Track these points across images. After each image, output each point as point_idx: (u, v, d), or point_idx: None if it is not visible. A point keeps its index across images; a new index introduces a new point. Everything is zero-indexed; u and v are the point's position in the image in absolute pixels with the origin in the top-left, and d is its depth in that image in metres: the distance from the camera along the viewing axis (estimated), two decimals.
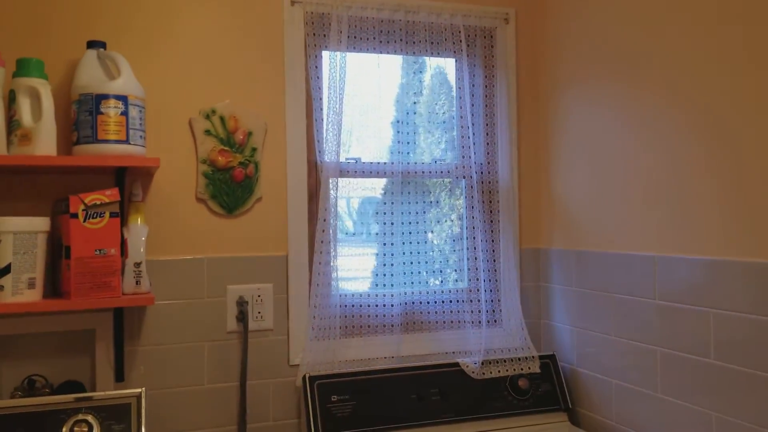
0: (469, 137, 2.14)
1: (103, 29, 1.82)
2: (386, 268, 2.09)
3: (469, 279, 2.19)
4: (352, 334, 2.05)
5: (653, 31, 1.76)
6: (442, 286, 2.18)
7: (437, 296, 2.14)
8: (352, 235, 2.15)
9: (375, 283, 2.11)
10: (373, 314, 2.06)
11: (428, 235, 2.15)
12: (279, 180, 1.97)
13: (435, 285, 2.17)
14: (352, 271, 2.11)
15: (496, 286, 2.19)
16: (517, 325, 2.14)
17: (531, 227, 2.26)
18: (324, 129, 1.99)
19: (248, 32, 1.96)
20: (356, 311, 2.06)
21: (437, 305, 2.14)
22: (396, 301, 2.06)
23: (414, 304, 2.12)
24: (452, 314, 2.14)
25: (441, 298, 2.14)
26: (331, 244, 1.97)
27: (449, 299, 2.14)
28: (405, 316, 2.10)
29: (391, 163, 2.09)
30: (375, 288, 2.11)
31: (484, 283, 2.14)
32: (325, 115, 1.99)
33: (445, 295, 2.14)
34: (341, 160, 2.01)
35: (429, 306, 2.13)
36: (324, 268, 1.96)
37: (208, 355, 1.89)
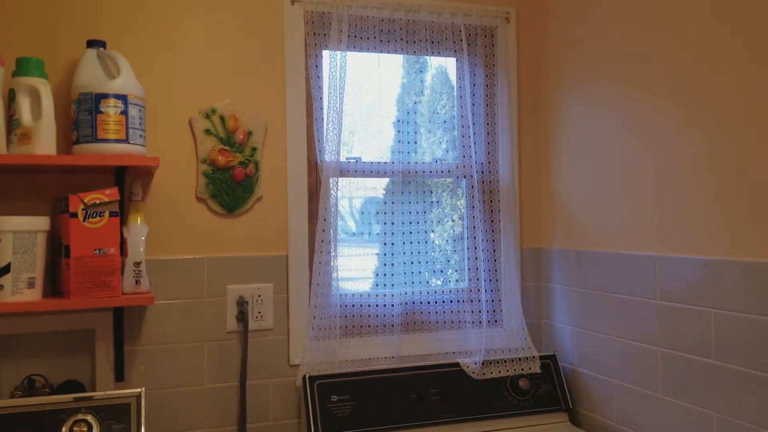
0: (470, 137, 2.14)
1: (103, 29, 1.82)
2: (387, 268, 2.09)
3: (470, 279, 2.18)
4: (352, 334, 2.04)
5: (654, 31, 1.75)
6: (443, 286, 2.17)
7: (438, 296, 2.13)
8: (354, 235, 2.15)
9: (376, 283, 2.11)
10: (374, 314, 2.06)
11: (429, 235, 2.15)
12: (279, 179, 1.97)
13: (436, 285, 2.17)
14: (353, 271, 2.11)
15: (496, 286, 2.19)
16: (518, 325, 2.13)
17: (532, 227, 2.25)
18: (324, 128, 1.98)
19: (248, 31, 1.95)
20: (356, 311, 2.06)
21: (438, 305, 2.13)
22: (396, 301, 2.06)
23: (414, 304, 2.12)
24: (453, 314, 2.13)
25: (441, 298, 2.14)
26: (332, 243, 1.96)
27: (450, 299, 2.14)
28: (405, 316, 2.10)
29: (392, 163, 2.09)
30: (376, 288, 2.10)
31: (485, 283, 2.14)
32: (325, 115, 1.98)
33: (446, 295, 2.14)
34: (341, 160, 2.01)
35: (429, 306, 2.13)
36: (324, 267, 1.95)
37: (208, 355, 1.89)
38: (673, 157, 1.69)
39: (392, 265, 2.08)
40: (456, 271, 2.20)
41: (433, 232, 2.16)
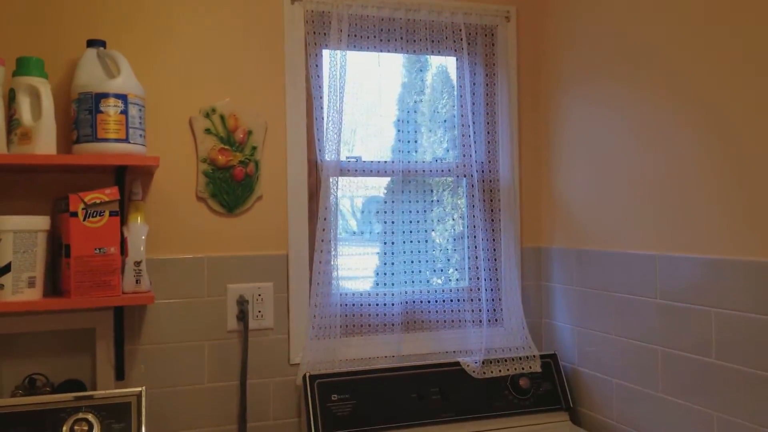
0: (470, 136, 2.14)
1: (103, 28, 1.82)
2: (387, 267, 2.08)
3: (470, 278, 2.18)
4: (352, 333, 2.05)
5: (655, 31, 1.75)
6: (444, 285, 2.17)
7: (438, 295, 2.13)
8: (355, 234, 2.15)
9: (377, 282, 2.11)
10: (374, 313, 2.06)
11: (430, 234, 2.15)
12: (279, 179, 1.97)
13: (436, 284, 2.17)
14: (354, 270, 2.11)
15: (497, 285, 2.18)
16: (518, 325, 2.13)
17: (532, 226, 2.25)
18: (324, 127, 1.98)
19: (248, 31, 1.95)
20: (357, 310, 2.06)
21: (438, 304, 2.13)
22: (396, 300, 2.06)
23: (415, 303, 2.12)
24: (453, 313, 2.13)
25: (442, 297, 2.13)
26: (332, 243, 1.96)
27: (450, 298, 2.14)
28: (405, 315, 2.10)
29: (392, 162, 2.09)
30: (377, 287, 2.10)
31: (485, 282, 2.13)
32: (325, 114, 1.98)
33: (446, 294, 2.14)
34: (341, 159, 2.01)
35: (430, 305, 2.13)
36: (324, 267, 1.95)
37: (208, 354, 1.89)
38: (674, 156, 1.69)
39: (392, 264, 2.08)
40: (456, 270, 2.19)
41: (434, 231, 2.16)
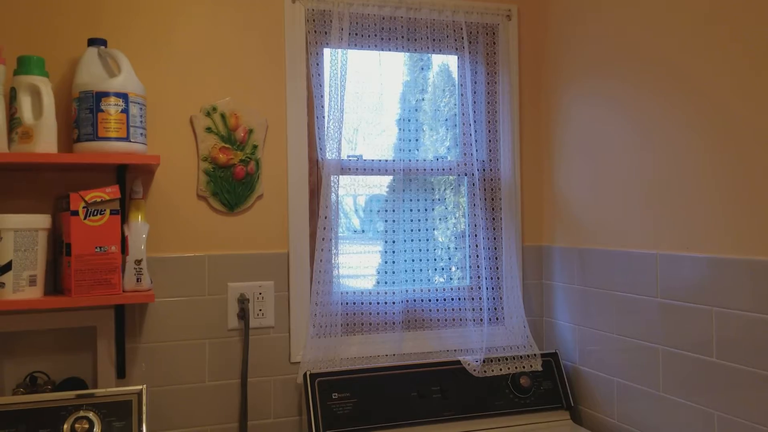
0: (471, 134, 2.13)
1: (104, 27, 1.82)
2: (388, 265, 2.08)
3: (471, 276, 2.18)
4: (353, 332, 2.05)
5: (656, 30, 1.74)
6: (446, 284, 2.17)
7: (439, 294, 2.13)
8: (358, 233, 2.15)
9: (378, 281, 2.11)
10: (375, 312, 2.06)
11: (433, 232, 2.15)
12: (280, 177, 1.97)
13: (437, 283, 2.17)
14: (354, 269, 2.11)
15: (498, 284, 2.18)
16: (519, 323, 2.13)
17: (533, 225, 2.25)
18: (325, 126, 1.98)
19: (249, 29, 1.95)
20: (357, 309, 2.06)
21: (439, 303, 2.13)
22: (397, 299, 2.06)
23: (416, 301, 2.12)
24: (454, 312, 2.13)
25: (443, 295, 2.13)
26: (333, 241, 1.96)
27: (451, 297, 2.14)
28: (406, 313, 2.10)
29: (393, 161, 2.09)
30: (379, 286, 2.10)
31: (486, 281, 2.13)
32: (326, 112, 1.98)
33: (447, 293, 2.14)
34: (342, 158, 2.01)
35: (431, 304, 2.13)
36: (325, 265, 1.96)
37: (209, 353, 1.90)
38: (675, 155, 1.69)
39: (393, 262, 2.08)
40: (459, 268, 2.19)
41: (436, 229, 2.16)
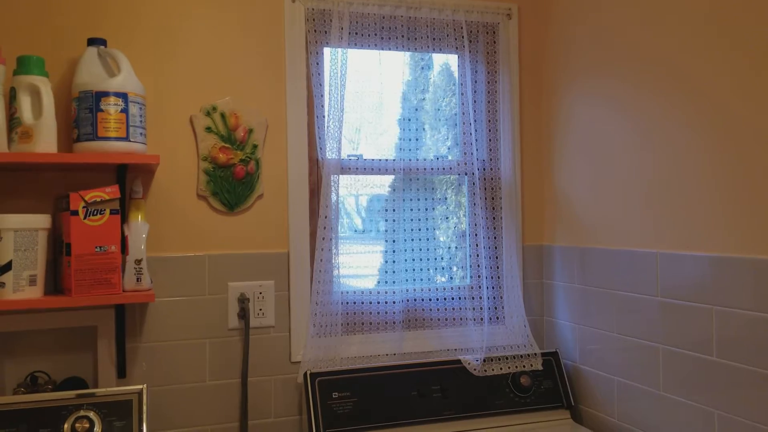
0: (471, 134, 2.13)
1: (103, 27, 1.82)
2: (389, 265, 2.08)
3: (472, 276, 2.18)
4: (353, 331, 2.05)
5: (656, 30, 1.74)
6: (446, 283, 2.17)
7: (439, 293, 2.13)
8: (361, 233, 2.15)
9: (380, 281, 2.11)
10: (375, 311, 2.06)
11: (434, 232, 2.14)
12: (280, 177, 1.97)
13: (437, 282, 2.17)
14: (356, 269, 2.11)
15: (498, 283, 2.18)
16: (520, 323, 2.13)
17: (534, 224, 2.25)
18: (326, 125, 1.98)
19: (249, 29, 1.95)
20: (358, 308, 2.06)
21: (439, 302, 2.13)
22: (398, 299, 2.06)
23: (416, 301, 2.12)
24: (454, 311, 2.13)
25: (443, 295, 2.13)
26: (333, 241, 1.96)
27: (451, 296, 2.14)
28: (407, 313, 2.10)
29: (393, 160, 2.09)
30: (380, 285, 2.10)
31: (486, 280, 2.13)
32: (326, 112, 1.98)
33: (447, 293, 2.14)
34: (342, 157, 2.00)
35: (431, 303, 2.12)
36: (325, 265, 1.96)
37: (209, 352, 1.90)
38: (675, 154, 1.69)
39: (394, 262, 2.08)
40: (460, 268, 2.19)
41: (437, 229, 2.16)
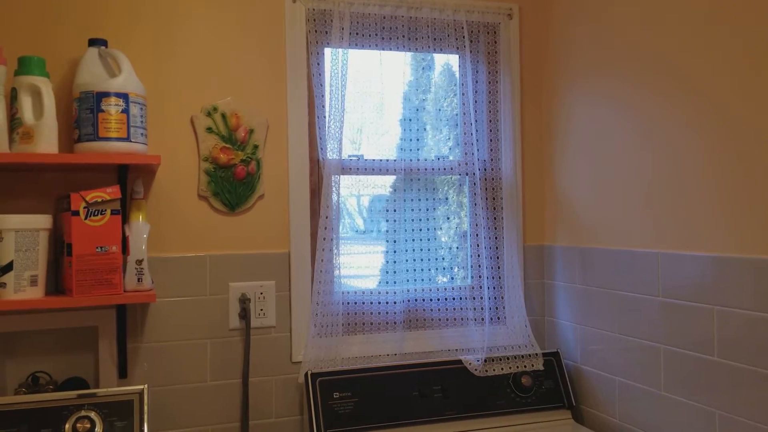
0: (472, 134, 2.13)
1: (104, 27, 1.82)
2: (389, 265, 2.08)
3: (473, 276, 2.18)
4: (354, 332, 2.05)
5: (657, 30, 1.74)
6: (447, 283, 2.17)
7: (440, 293, 2.13)
8: (363, 233, 2.15)
9: (381, 281, 2.11)
10: (376, 311, 2.06)
11: (436, 232, 2.14)
12: (281, 177, 1.97)
13: (438, 282, 2.16)
14: (358, 269, 2.11)
15: (499, 283, 2.18)
16: (521, 323, 2.13)
17: (535, 224, 2.25)
18: (326, 126, 1.98)
19: (250, 29, 1.95)
20: (359, 308, 2.06)
21: (440, 302, 2.13)
22: (399, 299, 2.06)
23: (417, 301, 2.12)
24: (455, 311, 2.13)
25: (444, 295, 2.13)
26: (334, 241, 1.96)
27: (452, 296, 2.14)
28: (408, 313, 2.10)
29: (394, 160, 2.09)
30: (381, 285, 2.10)
31: (488, 280, 2.13)
32: (327, 112, 1.98)
33: (448, 293, 2.14)
34: (343, 157, 2.00)
35: (432, 303, 2.12)
36: (326, 265, 1.96)
37: (210, 352, 1.90)
38: (676, 154, 1.68)
39: (395, 262, 2.08)
40: (462, 268, 2.19)
41: (438, 229, 2.16)
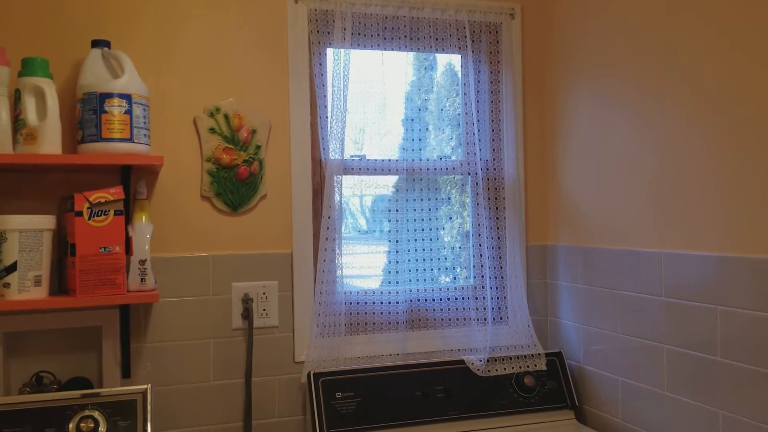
0: (474, 134, 2.13)
1: (107, 29, 1.83)
2: (392, 265, 2.08)
3: (475, 276, 2.18)
4: (357, 331, 2.05)
5: (663, 28, 1.74)
6: (449, 283, 2.17)
7: (443, 293, 2.13)
8: (365, 233, 2.15)
9: (384, 281, 2.11)
10: (378, 312, 2.06)
11: (439, 232, 2.15)
12: (283, 177, 1.98)
13: (441, 282, 2.17)
14: (358, 269, 2.11)
15: (502, 283, 2.18)
16: (524, 323, 2.13)
17: (537, 224, 2.24)
18: (329, 126, 1.99)
19: (252, 30, 1.96)
20: (361, 308, 2.06)
21: (443, 303, 2.13)
22: (401, 299, 2.06)
23: (419, 301, 2.12)
24: (458, 311, 2.13)
25: (446, 295, 2.13)
26: (336, 241, 1.97)
27: (455, 296, 2.14)
28: (410, 313, 2.10)
29: (396, 160, 2.09)
30: (383, 285, 2.10)
31: (490, 280, 2.13)
32: (329, 113, 1.99)
33: (451, 293, 2.14)
34: (345, 158, 2.01)
35: (434, 303, 2.13)
36: (328, 265, 1.96)
37: (213, 352, 1.90)
38: (679, 154, 1.68)
39: (397, 262, 2.08)
40: (464, 268, 2.19)
41: (441, 229, 2.16)
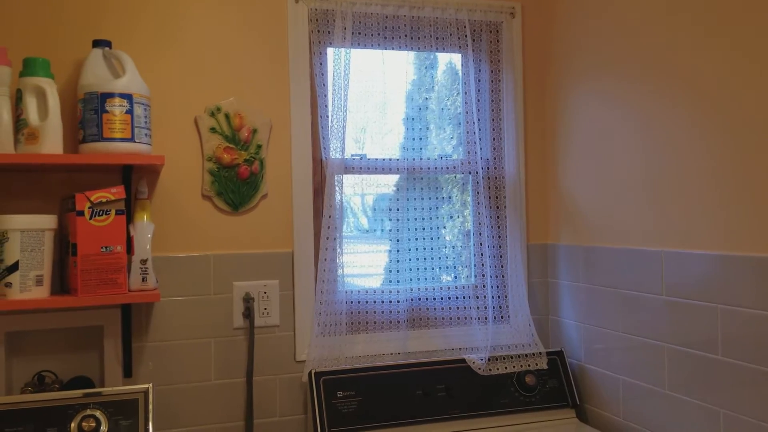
0: (475, 133, 2.13)
1: (108, 28, 1.83)
2: (393, 264, 2.09)
3: (476, 275, 2.18)
4: (358, 331, 2.05)
5: (663, 28, 1.74)
6: (450, 282, 2.17)
7: (444, 292, 2.13)
8: (366, 232, 2.15)
9: (386, 280, 2.11)
10: (379, 310, 2.07)
11: (440, 231, 2.15)
12: (284, 177, 1.98)
13: (442, 281, 2.17)
14: (359, 268, 2.11)
15: (503, 282, 2.18)
16: (525, 322, 2.13)
17: (538, 223, 2.25)
18: (329, 125, 1.99)
19: (253, 29, 1.96)
20: (362, 307, 2.06)
21: (444, 302, 2.13)
22: (402, 297, 2.06)
23: (420, 300, 2.12)
24: (459, 310, 2.13)
25: (447, 294, 2.13)
26: (337, 240, 1.97)
27: (456, 295, 2.14)
28: (411, 312, 2.10)
29: (397, 159, 2.09)
30: (384, 284, 2.10)
31: (491, 279, 2.13)
32: (330, 112, 1.99)
33: (452, 292, 2.14)
34: (346, 157, 2.01)
35: (435, 302, 2.13)
36: (329, 264, 1.96)
37: (214, 351, 1.91)
38: (679, 153, 1.68)
39: (398, 261, 2.08)
40: (465, 267, 2.19)
41: (442, 228, 2.16)
